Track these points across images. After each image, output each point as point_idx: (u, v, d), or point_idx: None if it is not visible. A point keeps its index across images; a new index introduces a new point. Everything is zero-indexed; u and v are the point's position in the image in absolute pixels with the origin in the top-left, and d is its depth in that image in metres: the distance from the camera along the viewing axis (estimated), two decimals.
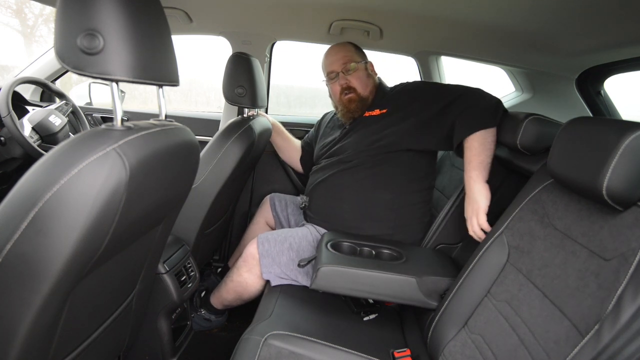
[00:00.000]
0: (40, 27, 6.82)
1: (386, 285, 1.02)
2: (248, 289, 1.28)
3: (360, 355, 0.92)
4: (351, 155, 1.33)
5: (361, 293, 1.04)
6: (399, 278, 1.02)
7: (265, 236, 1.28)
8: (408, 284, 1.02)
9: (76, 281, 0.58)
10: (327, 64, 1.43)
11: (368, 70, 1.42)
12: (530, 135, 1.00)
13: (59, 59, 0.54)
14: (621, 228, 0.64)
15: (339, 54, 1.40)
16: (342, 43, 1.45)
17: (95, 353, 0.79)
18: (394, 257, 1.15)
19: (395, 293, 1.03)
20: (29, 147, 1.24)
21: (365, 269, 1.03)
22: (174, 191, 0.75)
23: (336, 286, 1.03)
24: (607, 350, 0.58)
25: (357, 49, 1.44)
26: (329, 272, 1.02)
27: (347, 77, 1.38)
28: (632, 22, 0.99)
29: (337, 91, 1.40)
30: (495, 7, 1.11)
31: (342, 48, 1.42)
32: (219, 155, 1.21)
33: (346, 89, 1.38)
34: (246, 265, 1.27)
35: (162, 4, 0.63)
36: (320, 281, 1.02)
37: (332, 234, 1.24)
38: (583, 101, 1.57)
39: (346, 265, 1.03)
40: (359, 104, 1.37)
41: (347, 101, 1.38)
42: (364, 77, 1.39)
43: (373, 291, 1.03)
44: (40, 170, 0.52)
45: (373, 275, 1.02)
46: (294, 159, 1.73)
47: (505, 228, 0.89)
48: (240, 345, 0.91)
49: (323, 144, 1.51)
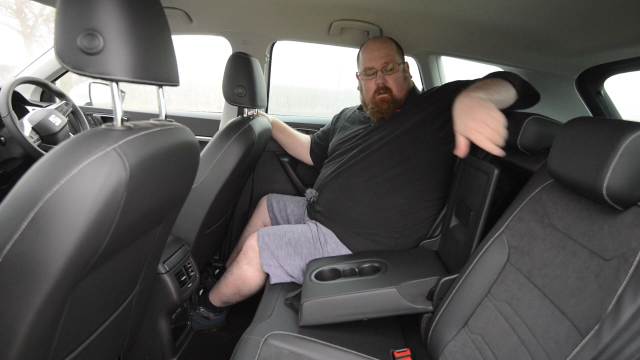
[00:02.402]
0: (40, 27, 6.82)
1: (370, 303, 1.00)
2: (247, 282, 1.28)
3: (360, 355, 0.92)
4: (370, 155, 1.30)
5: (349, 317, 1.00)
6: (379, 292, 1.00)
7: (266, 230, 1.28)
8: (390, 296, 0.99)
9: (76, 281, 0.58)
10: (366, 58, 1.37)
11: (406, 73, 1.39)
12: (531, 135, 1.00)
13: (59, 59, 0.54)
14: (621, 228, 0.64)
15: (382, 52, 1.34)
16: (384, 38, 1.39)
17: (95, 353, 0.79)
18: (376, 269, 1.12)
19: (380, 307, 1.00)
20: (29, 147, 1.24)
21: (346, 292, 1.00)
22: (174, 191, 0.75)
23: (323, 317, 0.99)
24: (607, 350, 0.58)
25: (399, 48, 1.39)
26: (312, 305, 0.99)
27: (385, 77, 1.34)
28: (632, 22, 0.99)
29: (372, 89, 1.36)
30: (495, 7, 1.11)
31: (385, 45, 1.36)
32: (219, 155, 1.21)
33: (382, 89, 1.34)
34: (246, 258, 1.27)
35: (162, 4, 0.63)
36: (306, 317, 0.99)
37: (316, 262, 1.21)
38: (583, 101, 1.57)
39: (328, 294, 1.00)
40: (391, 105, 1.34)
41: (380, 101, 1.34)
42: (401, 79, 1.36)
43: (359, 312, 1.00)
44: (40, 170, 0.52)
45: (354, 297, 0.99)
46: (302, 153, 1.71)
47: (505, 228, 0.89)
48: (240, 345, 0.91)
49: (341, 137, 1.47)
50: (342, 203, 1.31)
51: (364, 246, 1.28)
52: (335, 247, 1.29)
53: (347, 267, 1.14)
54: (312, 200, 1.39)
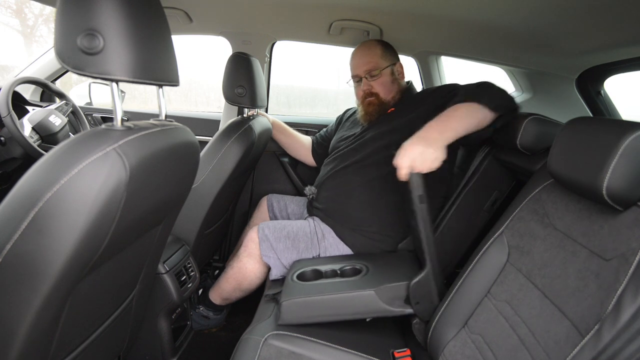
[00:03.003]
0: (40, 27, 6.82)
1: (348, 304, 0.99)
2: (247, 275, 1.28)
3: (360, 355, 0.92)
4: (364, 155, 1.32)
5: (328, 318, 0.99)
6: (357, 294, 0.99)
7: (266, 223, 1.29)
8: (368, 298, 0.99)
9: (76, 281, 0.58)
10: (351, 66, 1.41)
11: (395, 74, 1.39)
12: (531, 135, 1.00)
13: (59, 59, 0.54)
14: (621, 228, 0.64)
15: (364, 59, 1.36)
16: (369, 44, 1.39)
17: (95, 353, 0.79)
18: (356, 271, 1.12)
19: (358, 309, 0.99)
20: (29, 147, 1.24)
21: (325, 293, 0.99)
22: (174, 191, 0.75)
23: (302, 316, 0.99)
24: (607, 350, 0.58)
25: (386, 50, 1.39)
26: (291, 305, 0.99)
27: (370, 83, 1.36)
28: (632, 22, 0.99)
29: (360, 94, 1.39)
30: (495, 7, 1.11)
31: (368, 52, 1.37)
32: (219, 155, 1.21)
33: (368, 94, 1.36)
34: (246, 250, 1.27)
35: (162, 4, 0.63)
36: (285, 316, 0.98)
37: (300, 263, 1.20)
38: (583, 101, 1.57)
39: (308, 294, 1.00)
40: (377, 107, 1.36)
41: (367, 104, 1.37)
42: (388, 83, 1.37)
43: (338, 313, 0.99)
44: (40, 170, 0.52)
45: (333, 298, 0.99)
46: (303, 154, 1.72)
47: (505, 228, 0.89)
48: (240, 345, 0.91)
49: (340, 137, 1.49)
50: (339, 200, 1.33)
51: (362, 243, 1.28)
52: (333, 242, 1.29)
53: (329, 268, 1.14)
54: (311, 197, 1.41)
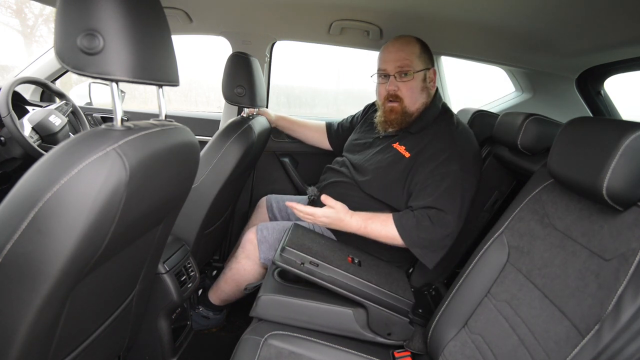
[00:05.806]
0: (40, 27, 6.81)
1: (323, 316, 0.97)
2: (246, 276, 1.27)
3: (360, 355, 0.92)
4: (364, 179, 1.24)
5: (300, 323, 0.97)
6: (334, 309, 0.96)
7: (265, 225, 1.28)
8: (344, 316, 0.96)
9: (76, 281, 0.58)
10: (381, 58, 1.23)
11: (426, 82, 1.22)
12: (531, 135, 1.00)
13: (59, 59, 0.54)
14: (621, 228, 0.64)
15: (399, 54, 1.19)
16: (407, 39, 1.22)
17: (95, 353, 0.79)
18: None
19: (331, 324, 0.97)
20: (29, 147, 1.24)
21: (303, 299, 0.97)
22: (173, 191, 0.75)
23: (276, 315, 0.98)
24: (607, 350, 0.58)
25: (424, 51, 1.22)
26: (268, 301, 0.98)
27: (397, 84, 1.20)
28: (632, 22, 0.99)
29: (382, 94, 1.24)
30: (495, 8, 1.11)
31: (405, 48, 1.20)
32: (218, 155, 1.21)
33: (392, 97, 1.21)
34: (244, 252, 1.26)
35: (162, 4, 0.63)
36: (260, 310, 0.98)
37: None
38: (583, 101, 1.58)
39: (287, 295, 0.98)
40: (399, 117, 1.21)
41: (389, 110, 1.22)
42: (417, 90, 1.20)
43: (311, 321, 0.97)
44: (40, 170, 0.52)
45: (310, 306, 0.97)
46: (317, 138, 1.65)
47: (505, 228, 0.89)
48: (240, 345, 0.91)
49: (355, 140, 1.42)
50: None
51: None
52: None
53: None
54: (312, 198, 1.39)
